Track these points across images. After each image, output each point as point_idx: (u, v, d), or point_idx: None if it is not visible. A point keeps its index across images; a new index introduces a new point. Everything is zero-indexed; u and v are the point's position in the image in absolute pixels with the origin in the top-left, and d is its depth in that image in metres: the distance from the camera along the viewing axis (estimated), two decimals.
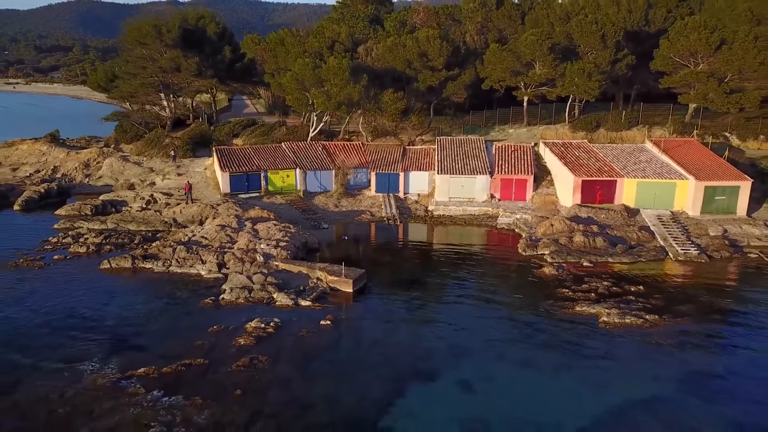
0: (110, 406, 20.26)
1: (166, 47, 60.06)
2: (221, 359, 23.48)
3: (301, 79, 50.93)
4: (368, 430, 19.52)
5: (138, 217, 42.28)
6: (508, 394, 21.82)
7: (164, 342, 24.92)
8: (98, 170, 55.44)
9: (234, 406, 20.52)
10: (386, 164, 48.20)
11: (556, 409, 20.83)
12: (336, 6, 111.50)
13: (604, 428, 19.92)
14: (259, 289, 29.92)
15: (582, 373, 23.22)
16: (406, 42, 54.82)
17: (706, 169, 42.21)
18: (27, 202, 46.88)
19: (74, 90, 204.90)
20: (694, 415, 20.64)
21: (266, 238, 35.87)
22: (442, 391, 21.90)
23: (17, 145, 65.18)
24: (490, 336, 26.24)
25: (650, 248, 36.87)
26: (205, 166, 52.59)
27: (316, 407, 20.64)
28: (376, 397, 21.31)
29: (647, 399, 21.44)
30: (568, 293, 30.19)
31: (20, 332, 25.87)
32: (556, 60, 51.60)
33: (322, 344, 25.11)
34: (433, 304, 30.04)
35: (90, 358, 23.45)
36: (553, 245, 36.42)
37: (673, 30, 50.93)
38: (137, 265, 33.40)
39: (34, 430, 19.29)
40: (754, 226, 39.19)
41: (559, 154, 45.76)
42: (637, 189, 42.53)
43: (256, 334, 25.36)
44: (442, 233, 42.34)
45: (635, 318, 27.12)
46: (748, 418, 20.40)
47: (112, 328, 26.46)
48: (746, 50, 46.66)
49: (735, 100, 47.32)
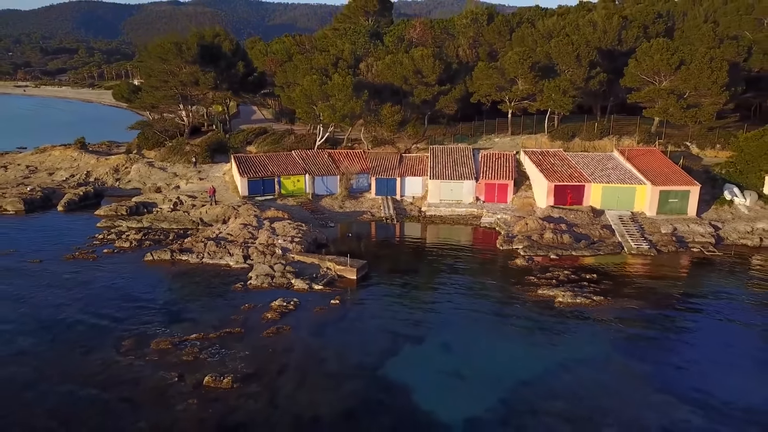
0: (174, 361, 26.67)
1: (185, 63, 66.45)
2: (254, 328, 29.91)
3: (309, 94, 57.31)
4: (369, 377, 25.89)
5: (169, 216, 48.73)
6: (478, 353, 28.21)
7: (207, 316, 31.35)
8: (127, 175, 61.89)
9: (266, 361, 26.93)
10: (385, 170, 54.63)
11: (515, 363, 27.23)
12: (338, 17, 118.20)
13: (551, 376, 26.28)
14: (280, 276, 36.39)
15: (537, 339, 29.65)
16: (403, 60, 61.26)
17: (662, 176, 48.63)
18: (69, 203, 53.34)
19: (83, 93, 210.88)
20: (619, 366, 27.07)
21: (283, 235, 42.31)
22: (427, 351, 28.37)
23: (49, 151, 71.65)
24: (468, 312, 32.70)
25: (609, 243, 43.34)
26: (224, 171, 59.00)
27: (329, 361, 27.07)
28: (375, 355, 27.72)
29: (584, 356, 27.86)
30: (534, 280, 36.64)
31: (91, 310, 32.27)
32: (537, 77, 57.96)
33: (332, 318, 31.56)
34: (423, 288, 36.52)
35: (152, 328, 29.87)
36: (526, 241, 42.87)
37: (640, 51, 57.37)
38: (175, 257, 39.82)
39: (117, 377, 25.67)
40: (699, 224, 45.61)
41: (537, 162, 52.19)
42: (602, 193, 48.98)
43: (279, 310, 31.80)
44: (433, 231, 48.78)
45: (584, 299, 33.58)
46: (655, 368, 26.81)
47: (163, 306, 32.92)
48: (701, 70, 53.08)
49: (691, 114, 53.74)
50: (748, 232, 44.93)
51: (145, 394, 24.12)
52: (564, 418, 23.24)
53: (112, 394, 24.30)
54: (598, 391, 25.21)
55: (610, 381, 26.06)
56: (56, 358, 27.15)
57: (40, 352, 27.71)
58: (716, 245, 43.44)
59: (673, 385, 25.66)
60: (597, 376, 26.38)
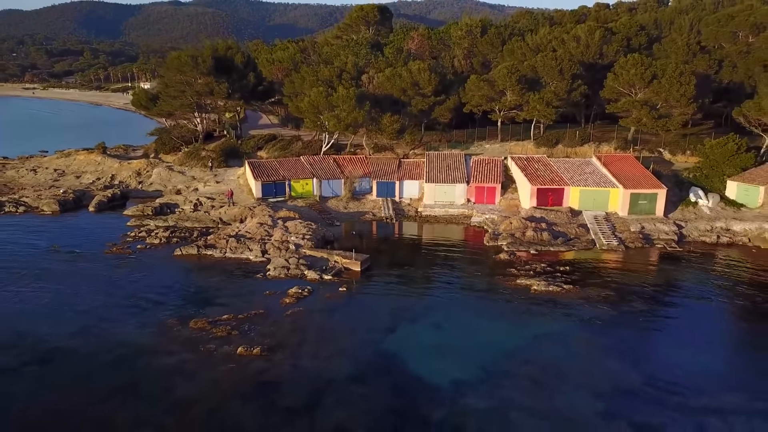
0: (211, 336, 32.26)
1: (200, 74, 72.04)
2: (275, 311, 35.51)
3: (316, 105, 62.91)
4: (373, 349, 31.46)
5: (192, 216, 54.35)
6: (463, 330, 33.78)
7: (234, 301, 36.93)
8: (149, 178, 67.48)
9: (287, 336, 32.51)
10: (385, 174, 60.24)
11: (494, 338, 32.81)
12: (341, 26, 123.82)
13: (524, 348, 31.84)
14: (294, 268, 42.00)
15: (513, 319, 35.25)
16: (402, 73, 66.89)
17: (633, 180, 54.26)
18: (99, 204, 58.95)
19: (91, 96, 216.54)
20: (581, 341, 32.63)
21: (295, 233, 47.93)
22: (420, 328, 33.98)
23: (74, 156, 77.33)
24: (456, 298, 38.34)
25: (583, 240, 48.98)
26: (238, 175, 64.60)
27: (339, 336, 32.66)
28: (377, 332, 33.33)
29: (552, 333, 33.43)
30: (514, 271, 42.25)
31: (135, 296, 37.87)
32: (523, 89, 63.56)
33: (340, 303, 37.17)
34: (418, 278, 42.14)
35: (188, 310, 35.47)
36: (510, 238, 48.50)
37: (617, 65, 62.99)
38: (201, 252, 45.43)
39: (167, 347, 31.25)
40: (665, 224, 51.25)
41: (522, 167, 57.80)
42: (580, 195, 54.63)
43: (295, 296, 37.40)
44: (428, 229, 54.39)
45: (556, 287, 39.20)
46: (612, 343, 32.41)
47: (195, 293, 38.53)
48: (671, 84, 58.73)
49: (662, 123, 59.37)
50: (707, 230, 50.60)
51: (191, 361, 29.71)
52: (533, 381, 28.77)
53: (163, 360, 29.92)
54: (563, 360, 30.77)
55: (573, 352, 31.62)
56: (111, 335, 32.74)
57: (96, 330, 33.28)
58: (678, 242, 49.08)
59: (626, 356, 31.23)
60: (562, 349, 31.94)
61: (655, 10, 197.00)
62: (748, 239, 49.31)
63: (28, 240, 48.86)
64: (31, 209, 58.00)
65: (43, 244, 47.58)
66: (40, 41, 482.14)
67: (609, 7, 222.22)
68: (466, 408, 26.34)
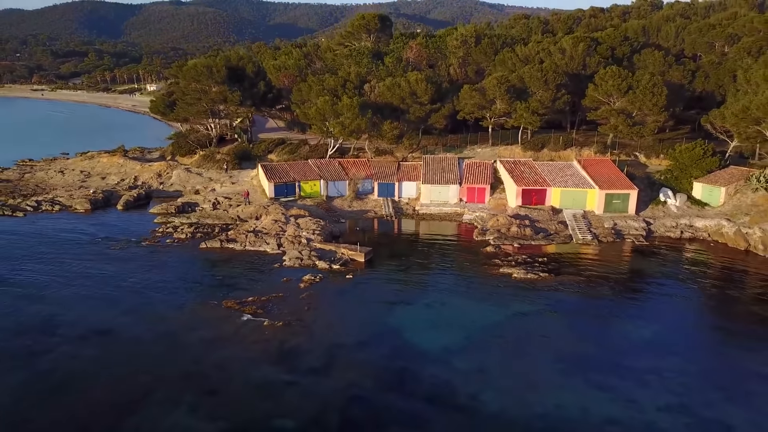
0: (241, 313, 38.45)
1: (215, 83, 78.23)
2: (292, 294, 41.67)
3: (323, 113, 69.06)
4: (375, 323, 37.63)
5: (212, 214, 60.50)
6: (451, 309, 39.94)
7: (257, 286, 43.11)
8: (169, 179, 73.66)
9: (304, 313, 38.68)
10: (385, 176, 66.39)
11: (477, 316, 38.96)
12: (343, 33, 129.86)
13: (502, 324, 38.00)
14: (306, 258, 48.17)
15: (495, 300, 41.40)
16: (401, 83, 73.04)
17: (609, 181, 60.44)
18: (127, 203, 65.13)
19: (99, 97, 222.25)
20: (551, 318, 38.82)
21: (306, 228, 54.11)
22: (415, 308, 40.16)
23: (97, 158, 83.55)
24: (446, 284, 44.54)
25: (562, 235, 55.17)
26: (252, 176, 70.75)
27: (347, 314, 38.86)
28: (379, 310, 39.50)
29: (527, 312, 39.59)
30: (498, 262, 48.44)
31: (169, 282, 44.07)
32: (512, 98, 69.73)
33: (347, 288, 43.35)
34: (414, 268, 48.32)
35: (219, 293, 41.65)
36: (496, 233, 54.69)
37: (597, 77, 69.18)
38: (223, 245, 51.60)
39: (204, 322, 37.44)
40: (635, 221, 57.44)
41: (509, 169, 63.96)
42: (561, 195, 60.80)
43: (309, 282, 43.58)
44: (424, 226, 60.56)
45: (534, 275, 45.40)
46: (576, 320, 38.60)
47: (223, 279, 44.68)
48: (645, 94, 64.91)
49: (636, 130, 65.55)
50: (673, 227, 56.79)
51: (228, 332, 35.92)
52: (507, 348, 34.97)
53: (204, 332, 36.11)
54: (534, 333, 36.96)
55: (543, 327, 37.80)
56: (157, 313, 38.91)
57: (143, 310, 39.41)
58: (646, 237, 55.23)
59: (587, 330, 37.43)
60: (535, 325, 38.13)
61: (648, 13, 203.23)
62: (707, 234, 55.49)
63: (69, 235, 55.01)
64: (65, 208, 64.14)
65: (83, 239, 53.81)
66: (44, 41, 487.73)
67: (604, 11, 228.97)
68: (451, 368, 32.55)
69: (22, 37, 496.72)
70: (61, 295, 41.56)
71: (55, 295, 41.68)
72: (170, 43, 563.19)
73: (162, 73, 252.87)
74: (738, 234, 53.21)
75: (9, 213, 61.49)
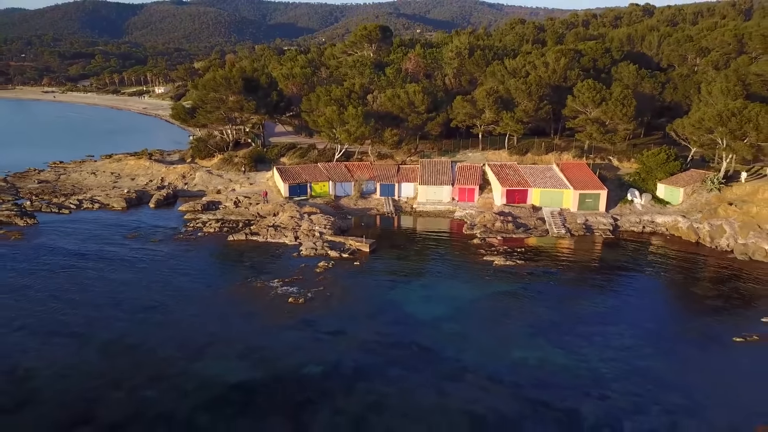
0: (268, 291, 46.97)
1: (232, 93, 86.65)
2: (310, 277, 50.16)
3: (331, 121, 77.54)
4: (379, 299, 46.17)
5: (235, 211, 68.99)
6: (442, 288, 48.44)
7: (280, 271, 51.58)
8: (192, 180, 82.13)
9: (320, 292, 47.16)
10: (386, 177, 74.87)
11: (463, 293, 47.42)
12: (346, 43, 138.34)
13: (483, 299, 46.50)
14: (320, 248, 56.66)
15: (478, 282, 49.92)
16: (400, 94, 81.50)
17: (582, 183, 68.96)
18: (158, 201, 73.59)
19: (109, 100, 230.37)
20: (524, 294, 47.34)
21: (318, 224, 62.61)
22: (412, 287, 48.70)
23: (124, 161, 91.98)
24: (438, 269, 53.09)
25: (540, 229, 63.69)
26: (267, 178, 79.24)
27: (356, 292, 47.40)
28: (382, 289, 48.04)
29: (505, 291, 48.09)
30: (483, 252, 56.98)
31: (208, 268, 52.60)
32: (499, 108, 78.20)
33: (355, 272, 51.86)
34: (411, 256, 56.86)
35: (249, 276, 50.17)
36: (483, 228, 63.20)
37: (576, 89, 77.63)
38: (248, 238, 60.07)
39: (239, 299, 45.95)
40: (604, 217, 65.98)
41: (496, 172, 72.47)
42: (540, 195, 69.32)
43: (323, 268, 52.08)
44: (421, 222, 69.07)
45: (512, 262, 53.94)
46: (544, 295, 47.12)
47: (251, 265, 53.16)
48: (616, 105, 73.38)
49: (608, 138, 74.07)
50: (636, 222, 65.33)
51: (259, 306, 44.42)
52: (486, 317, 43.47)
53: (241, 306, 44.61)
54: (509, 306, 45.47)
55: (518, 301, 46.33)
56: (197, 293, 47.39)
57: (184, 292, 47.90)
58: (613, 231, 63.78)
59: (553, 304, 45.93)
60: (510, 299, 46.67)
61: (640, 18, 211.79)
62: (666, 229, 64.03)
63: (114, 229, 63.46)
64: (103, 206, 72.58)
65: (124, 232, 62.27)
66: (48, 42, 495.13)
67: (596, 17, 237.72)
68: (440, 331, 41.10)
69: (26, 37, 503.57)
70: (124, 278, 50.03)
71: (120, 277, 50.15)
72: (172, 43, 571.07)
73: (169, 75, 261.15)
74: (690, 228, 61.83)
75: (56, 210, 69.93)
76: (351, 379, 35.29)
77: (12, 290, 47.38)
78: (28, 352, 38.18)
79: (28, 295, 46.51)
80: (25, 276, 50.24)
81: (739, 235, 58.17)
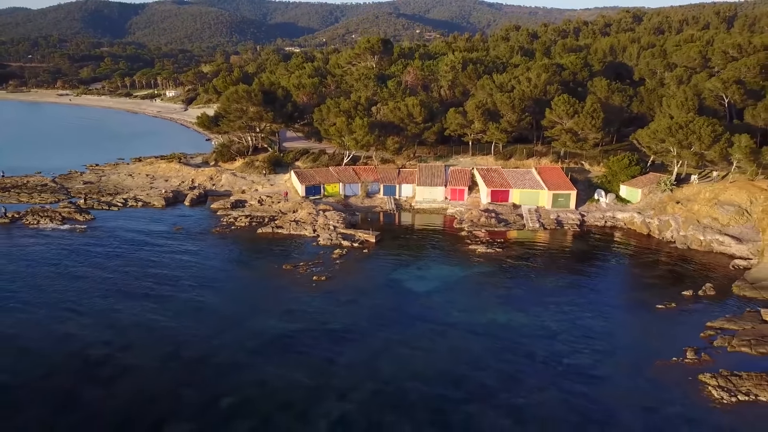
0: (296, 270, 58.97)
1: (252, 104, 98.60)
2: (327, 261, 62.17)
3: (340, 130, 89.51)
4: (384, 279, 58.19)
5: (260, 209, 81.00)
6: (434, 269, 60.42)
7: (302, 256, 63.60)
8: (219, 181, 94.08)
9: (337, 272, 59.14)
10: (389, 179, 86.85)
11: (450, 274, 59.40)
12: (350, 53, 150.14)
13: (465, 279, 58.45)
14: (335, 239, 68.66)
15: (464, 265, 61.90)
16: (400, 106, 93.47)
17: (556, 184, 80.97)
18: (192, 200, 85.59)
19: (122, 103, 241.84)
20: (500, 275, 59.33)
21: (332, 219, 74.60)
22: (410, 269, 60.79)
23: (156, 164, 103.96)
24: (432, 255, 65.20)
25: (518, 224, 75.72)
26: (285, 180, 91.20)
27: (366, 273, 59.47)
28: (386, 271, 60.08)
29: (484, 272, 60.10)
30: (469, 242, 68.98)
31: (244, 254, 64.69)
32: (486, 119, 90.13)
33: (364, 258, 63.89)
34: (411, 246, 68.94)
35: (277, 260, 62.19)
36: (470, 223, 75.21)
37: (553, 102, 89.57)
38: (274, 231, 72.10)
39: (272, 277, 57.93)
40: (573, 213, 78.02)
41: (482, 175, 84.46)
42: (520, 195, 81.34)
43: (338, 255, 64.09)
44: (418, 217, 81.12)
45: (492, 250, 65.96)
46: (516, 275, 59.14)
47: (280, 252, 65.16)
48: (587, 117, 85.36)
49: (580, 146, 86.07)
50: (600, 218, 77.38)
51: (289, 282, 56.45)
52: (467, 291, 55.49)
53: (273, 282, 56.64)
54: (486, 283, 57.50)
55: (494, 279, 58.35)
56: (237, 276, 59.40)
57: (225, 275, 59.90)
58: (580, 225, 75.78)
59: (521, 282, 57.96)
60: (488, 278, 58.69)
61: (630, 25, 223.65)
62: (624, 223, 76.07)
63: (158, 224, 75.43)
64: (145, 204, 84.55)
65: (170, 225, 74.26)
66: (54, 43, 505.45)
67: (587, 24, 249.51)
68: (431, 302, 53.17)
69: (33, 38, 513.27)
70: (183, 260, 61.98)
71: (179, 260, 62.14)
72: (174, 43, 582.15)
73: (178, 78, 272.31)
74: (643, 223, 73.91)
75: (106, 207, 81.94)
76: (365, 330, 47.39)
77: (109, 270, 59.14)
78: (134, 309, 50.17)
79: (120, 270, 58.89)
80: (111, 258, 62.33)
81: (681, 228, 70.23)
